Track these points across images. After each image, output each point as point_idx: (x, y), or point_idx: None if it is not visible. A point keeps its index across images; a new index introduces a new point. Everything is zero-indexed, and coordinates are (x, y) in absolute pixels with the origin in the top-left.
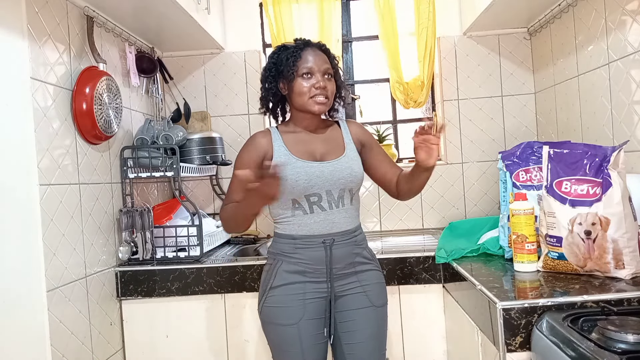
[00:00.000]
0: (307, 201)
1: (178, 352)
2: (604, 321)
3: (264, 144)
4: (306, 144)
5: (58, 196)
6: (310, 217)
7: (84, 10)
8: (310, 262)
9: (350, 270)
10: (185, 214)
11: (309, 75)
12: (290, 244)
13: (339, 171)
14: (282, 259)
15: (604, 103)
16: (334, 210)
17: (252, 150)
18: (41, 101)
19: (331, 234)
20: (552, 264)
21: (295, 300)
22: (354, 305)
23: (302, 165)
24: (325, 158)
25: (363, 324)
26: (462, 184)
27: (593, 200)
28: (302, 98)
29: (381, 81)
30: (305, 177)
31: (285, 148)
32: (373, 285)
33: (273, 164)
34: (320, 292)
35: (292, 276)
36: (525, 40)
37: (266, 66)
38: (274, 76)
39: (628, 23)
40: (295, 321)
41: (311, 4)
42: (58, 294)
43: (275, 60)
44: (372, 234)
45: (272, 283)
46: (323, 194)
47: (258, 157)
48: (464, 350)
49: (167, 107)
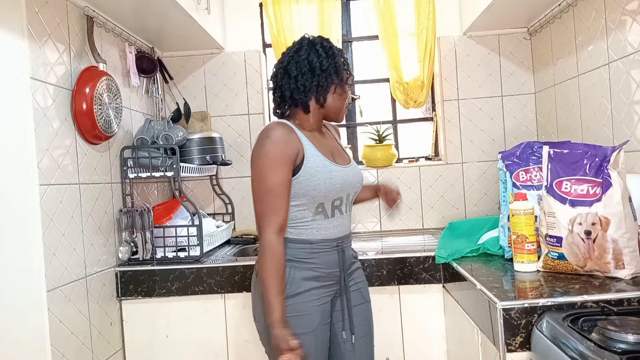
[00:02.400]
0: (331, 205)
1: (178, 352)
2: (604, 321)
3: (294, 140)
4: (324, 146)
5: (58, 196)
6: (330, 222)
7: (84, 10)
8: (325, 266)
9: (349, 271)
10: (185, 214)
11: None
12: (305, 249)
13: (357, 175)
14: (295, 266)
15: (604, 103)
16: (346, 214)
17: (285, 147)
18: (41, 101)
19: (342, 237)
20: (552, 264)
21: (311, 307)
22: (353, 302)
23: (337, 169)
24: (337, 161)
25: (360, 320)
26: (462, 184)
27: (593, 200)
28: (340, 109)
29: (381, 81)
30: (341, 182)
31: (314, 147)
32: (363, 282)
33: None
34: (328, 295)
35: (308, 283)
36: (525, 40)
37: (324, 57)
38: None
39: (628, 23)
40: (312, 328)
41: (311, 4)
42: (58, 294)
43: (337, 62)
44: (372, 234)
45: (287, 292)
46: (344, 197)
47: (292, 154)
48: (464, 350)
49: (167, 107)
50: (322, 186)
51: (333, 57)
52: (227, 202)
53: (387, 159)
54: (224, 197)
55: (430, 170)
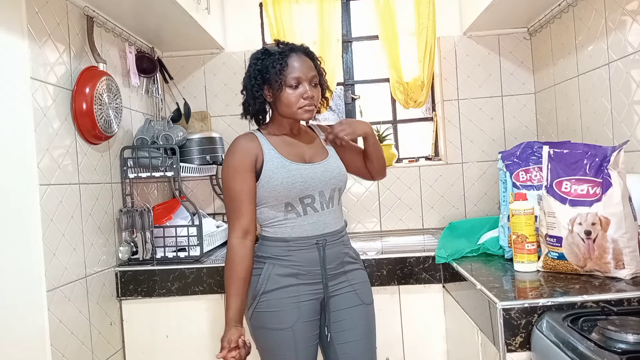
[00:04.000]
0: (301, 203)
1: (178, 352)
2: (604, 321)
3: (253, 147)
4: (294, 147)
5: (58, 196)
6: (304, 219)
7: (84, 10)
8: (304, 264)
9: (340, 270)
10: (185, 214)
11: (297, 85)
12: (282, 247)
13: (330, 171)
14: (273, 263)
15: (604, 103)
16: (325, 211)
17: (243, 156)
18: (41, 101)
19: (323, 235)
20: (552, 264)
21: (289, 303)
22: (345, 304)
23: (296, 168)
24: (313, 160)
25: (354, 323)
26: (462, 184)
27: (593, 200)
28: (291, 108)
29: (381, 81)
30: (301, 180)
31: (276, 151)
32: (361, 284)
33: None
34: (314, 293)
35: (285, 279)
36: (525, 40)
37: (250, 72)
38: (260, 84)
39: (628, 23)
40: (290, 325)
41: (311, 4)
42: (58, 294)
43: (260, 67)
44: (372, 234)
45: (265, 287)
46: (316, 195)
47: (251, 162)
48: (464, 350)
49: (167, 107)
50: (280, 187)
51: (252, 71)
52: None
53: (387, 159)
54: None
55: (430, 170)
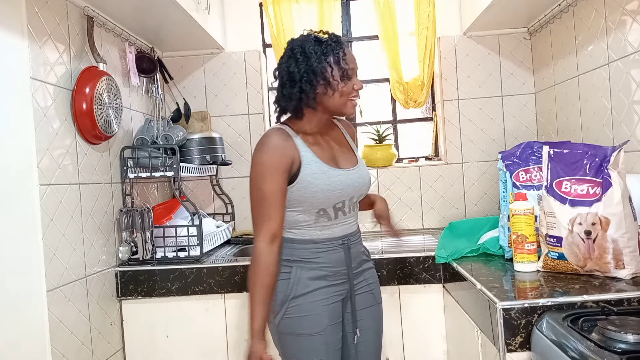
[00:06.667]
0: (333, 209)
1: (178, 352)
2: (604, 321)
3: (288, 148)
4: (326, 149)
5: (58, 196)
6: (334, 222)
7: (84, 10)
8: (331, 264)
9: (360, 269)
10: (185, 214)
11: (351, 76)
12: (310, 249)
13: (362, 178)
14: (301, 266)
15: (604, 103)
16: (351, 214)
17: (278, 156)
18: (41, 101)
19: (347, 235)
20: (552, 264)
21: (320, 306)
22: (363, 304)
23: (335, 175)
24: (344, 163)
25: (371, 322)
26: (462, 184)
27: (593, 200)
28: (342, 99)
29: (381, 81)
30: (340, 187)
31: (313, 154)
32: (375, 283)
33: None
34: (339, 294)
35: (315, 282)
36: (525, 40)
37: (301, 62)
38: (318, 72)
39: (628, 23)
40: (321, 328)
41: (311, 4)
42: (58, 294)
43: (312, 66)
44: (372, 234)
45: (294, 292)
46: (347, 200)
47: (286, 163)
48: (464, 350)
49: (167, 107)
50: (320, 193)
51: (308, 60)
52: (227, 202)
53: (387, 159)
54: (224, 197)
55: (430, 170)
